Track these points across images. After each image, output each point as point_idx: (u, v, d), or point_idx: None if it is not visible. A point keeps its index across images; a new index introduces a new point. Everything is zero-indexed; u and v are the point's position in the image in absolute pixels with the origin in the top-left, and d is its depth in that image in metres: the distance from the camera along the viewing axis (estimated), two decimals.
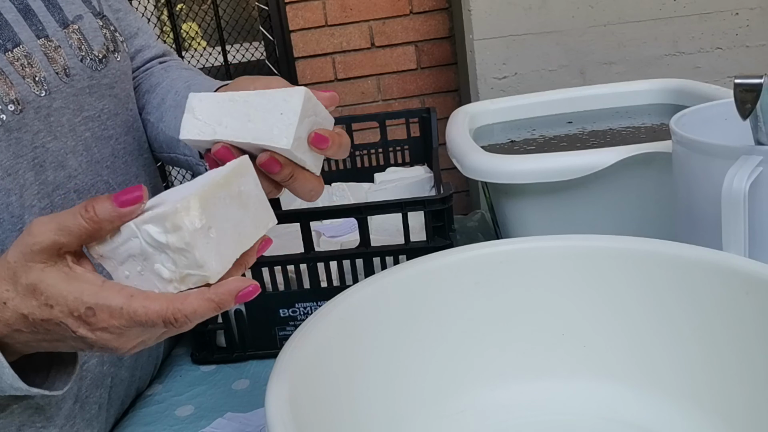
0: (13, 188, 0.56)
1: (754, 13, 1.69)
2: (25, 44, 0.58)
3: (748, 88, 0.55)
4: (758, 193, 0.56)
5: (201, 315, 0.43)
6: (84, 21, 0.65)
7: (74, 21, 0.64)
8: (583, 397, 0.59)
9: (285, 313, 0.76)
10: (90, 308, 0.43)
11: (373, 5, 2.01)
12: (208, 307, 0.43)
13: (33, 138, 0.58)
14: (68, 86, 0.62)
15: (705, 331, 0.55)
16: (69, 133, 0.62)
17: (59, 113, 0.61)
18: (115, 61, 0.68)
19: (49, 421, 0.61)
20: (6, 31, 0.58)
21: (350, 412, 0.53)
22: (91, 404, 0.66)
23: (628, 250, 0.58)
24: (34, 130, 0.58)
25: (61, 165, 0.61)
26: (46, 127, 0.59)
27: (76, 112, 0.63)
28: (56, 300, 0.44)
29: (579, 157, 0.75)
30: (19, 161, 0.57)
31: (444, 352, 0.59)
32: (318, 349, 0.51)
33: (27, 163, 0.58)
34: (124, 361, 0.71)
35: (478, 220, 1.12)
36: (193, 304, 0.42)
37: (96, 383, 0.66)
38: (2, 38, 0.57)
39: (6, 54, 0.56)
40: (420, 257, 0.61)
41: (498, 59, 1.71)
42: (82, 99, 0.64)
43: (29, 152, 0.58)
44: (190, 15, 2.13)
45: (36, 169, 0.58)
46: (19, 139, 0.57)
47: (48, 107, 0.59)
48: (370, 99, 2.09)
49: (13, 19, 0.59)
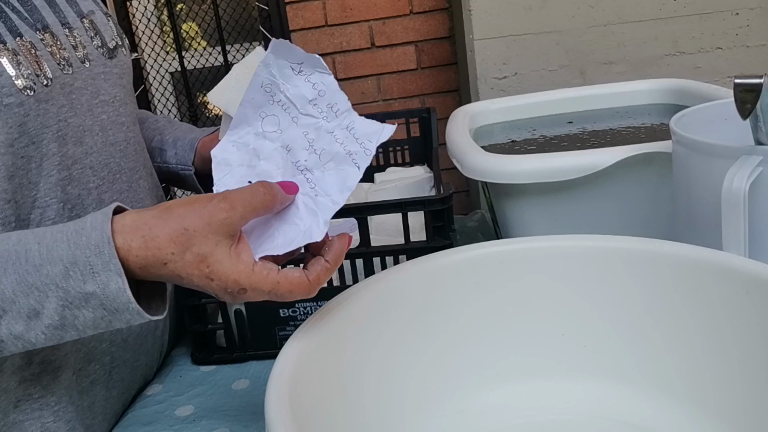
0: (34, 156, 0.60)
1: (754, 13, 1.69)
2: (51, 27, 0.63)
3: (748, 88, 0.55)
4: (758, 193, 0.56)
5: (325, 281, 0.52)
6: (96, 15, 0.70)
7: (88, 14, 0.69)
8: (583, 397, 0.59)
9: (285, 313, 0.76)
10: (243, 289, 0.50)
11: (373, 5, 2.01)
12: (330, 273, 0.52)
13: (58, 111, 0.62)
14: (87, 70, 0.66)
15: (705, 331, 0.55)
16: (87, 112, 0.66)
17: (80, 92, 0.65)
18: (122, 54, 0.73)
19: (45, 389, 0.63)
20: (36, 14, 0.63)
21: (350, 411, 0.53)
22: (83, 378, 0.67)
23: (628, 250, 0.58)
24: (59, 104, 0.62)
25: (79, 141, 0.65)
26: (69, 103, 0.63)
27: (94, 95, 0.67)
28: (218, 276, 0.49)
29: (579, 157, 0.75)
30: (45, 132, 0.61)
31: (444, 352, 0.59)
32: (318, 350, 0.51)
33: (52, 135, 0.62)
34: (128, 342, 0.72)
35: (478, 220, 1.12)
36: (321, 277, 0.52)
37: (89, 357, 0.67)
38: (33, 19, 0.62)
39: (37, 33, 0.62)
40: (420, 257, 0.61)
41: (498, 59, 1.71)
42: (98, 84, 0.68)
43: (54, 124, 0.62)
44: (190, 15, 2.13)
45: (59, 141, 0.62)
46: (46, 110, 0.61)
47: (71, 85, 0.64)
48: (370, 99, 2.09)
49: (40, 5, 0.64)
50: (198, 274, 0.49)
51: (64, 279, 0.49)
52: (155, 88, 2.15)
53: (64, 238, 0.50)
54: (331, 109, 0.54)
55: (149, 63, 2.13)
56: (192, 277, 0.50)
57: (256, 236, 0.52)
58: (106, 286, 0.49)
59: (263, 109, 0.55)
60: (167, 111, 2.17)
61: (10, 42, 0.59)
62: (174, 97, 2.18)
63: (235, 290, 0.50)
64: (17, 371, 0.62)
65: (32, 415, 0.63)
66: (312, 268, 0.52)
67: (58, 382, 0.64)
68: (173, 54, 2.14)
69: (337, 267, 0.53)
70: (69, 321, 0.51)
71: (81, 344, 0.66)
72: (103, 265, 0.49)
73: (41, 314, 0.50)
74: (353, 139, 0.53)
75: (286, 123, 0.55)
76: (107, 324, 0.52)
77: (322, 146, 0.54)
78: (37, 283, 0.49)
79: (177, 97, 2.18)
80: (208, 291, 0.51)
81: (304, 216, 0.53)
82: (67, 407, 0.65)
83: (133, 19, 2.10)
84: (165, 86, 2.15)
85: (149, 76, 2.15)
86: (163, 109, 2.17)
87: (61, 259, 0.50)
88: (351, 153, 0.53)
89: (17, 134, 0.59)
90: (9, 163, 0.58)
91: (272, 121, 0.55)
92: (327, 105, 0.54)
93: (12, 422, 0.62)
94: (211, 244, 0.49)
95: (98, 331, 0.52)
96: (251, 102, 0.55)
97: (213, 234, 0.49)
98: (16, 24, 0.60)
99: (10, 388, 0.61)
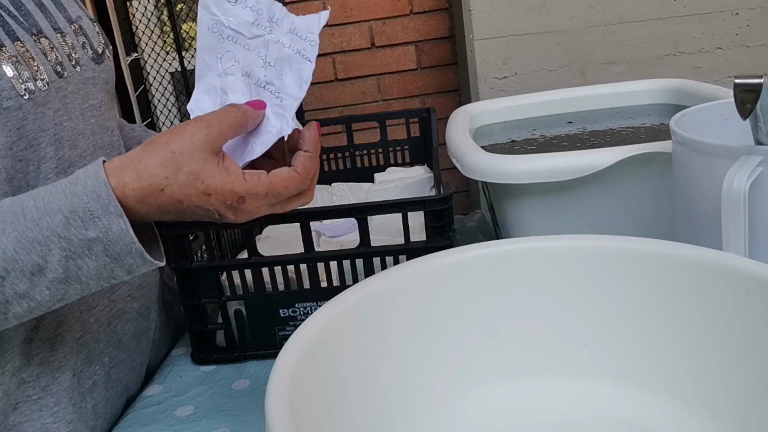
0: (32, 159, 0.61)
1: (754, 13, 1.69)
2: (45, 32, 0.64)
3: (748, 88, 0.55)
4: (758, 193, 0.56)
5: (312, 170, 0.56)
6: (84, 21, 0.70)
7: (76, 20, 0.69)
8: (583, 397, 0.59)
9: (285, 313, 0.76)
10: (241, 197, 0.53)
11: (373, 5, 2.01)
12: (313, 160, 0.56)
13: (54, 115, 0.63)
14: (78, 74, 0.67)
15: (705, 331, 0.55)
16: (79, 116, 0.67)
17: (72, 97, 0.66)
18: (107, 59, 0.73)
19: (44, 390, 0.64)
20: (30, 19, 0.63)
21: (350, 412, 0.53)
22: (85, 378, 0.68)
23: (628, 250, 0.58)
24: (55, 107, 0.63)
25: (74, 144, 0.65)
26: (64, 107, 0.64)
27: (84, 99, 0.68)
28: (214, 189, 0.52)
29: (579, 157, 0.75)
30: (43, 135, 0.62)
31: (444, 351, 0.59)
32: (318, 350, 0.51)
33: (49, 138, 0.62)
34: (123, 342, 0.73)
35: (478, 220, 1.12)
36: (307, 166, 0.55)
37: (90, 359, 0.68)
38: (28, 24, 0.63)
39: (32, 37, 0.62)
40: (420, 257, 0.61)
41: (498, 59, 1.71)
42: (88, 88, 0.68)
43: (51, 128, 0.62)
44: (190, 15, 2.13)
45: (56, 144, 0.63)
46: (44, 114, 0.61)
47: (65, 89, 0.65)
48: (370, 99, 2.09)
49: (33, 10, 0.64)
50: (195, 192, 0.52)
51: (65, 229, 0.50)
52: (155, 88, 2.15)
53: (59, 191, 0.52)
54: (272, 21, 0.58)
55: (149, 63, 2.13)
56: (190, 197, 0.52)
57: (239, 153, 0.57)
58: (108, 229, 0.51)
59: (217, 49, 0.60)
60: (167, 111, 2.17)
61: (9, 46, 0.59)
62: (174, 97, 2.18)
63: (234, 201, 0.53)
64: (17, 373, 0.62)
65: (31, 416, 0.63)
66: (296, 162, 0.55)
67: (58, 384, 0.64)
68: (173, 54, 2.14)
69: (317, 153, 0.57)
70: (73, 273, 0.52)
71: (80, 345, 0.67)
72: (103, 209, 0.50)
73: (45, 269, 0.51)
74: (297, 38, 0.58)
75: (240, 53, 0.59)
76: (110, 273, 0.53)
77: (274, 56, 0.59)
78: (38, 237, 0.50)
79: (177, 97, 2.18)
80: (209, 211, 0.53)
81: (275, 122, 0.58)
82: (67, 408, 0.65)
83: (133, 19, 2.09)
84: (165, 86, 2.15)
85: (149, 76, 2.14)
86: (163, 109, 2.17)
87: (60, 210, 0.50)
88: (299, 51, 0.58)
89: (16, 137, 0.59)
90: (8, 166, 0.58)
91: (228, 57, 0.60)
92: (267, 19, 0.59)
93: (12, 424, 0.62)
94: (200, 161, 0.52)
95: (101, 283, 0.54)
96: (205, 47, 0.60)
97: (198, 152, 0.52)
98: (13, 28, 0.61)
99: (11, 390, 0.62)
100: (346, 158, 1.16)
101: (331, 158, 1.16)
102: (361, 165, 1.16)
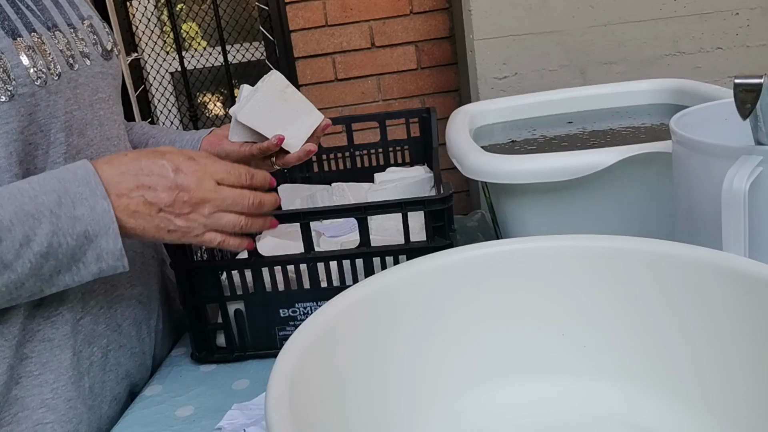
0: (41, 144, 0.66)
1: (754, 13, 1.69)
2: (59, 26, 0.69)
3: (748, 88, 0.55)
4: (758, 193, 0.56)
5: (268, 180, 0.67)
6: (94, 20, 0.76)
7: (87, 18, 0.74)
8: (583, 397, 0.59)
9: (285, 313, 0.76)
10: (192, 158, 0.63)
11: (373, 5, 2.01)
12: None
13: (65, 104, 0.68)
14: (89, 68, 0.71)
15: (705, 331, 0.55)
16: (88, 107, 0.71)
17: (83, 88, 0.70)
18: (115, 57, 0.77)
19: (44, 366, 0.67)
20: (46, 13, 0.68)
21: (350, 412, 0.53)
22: (84, 359, 0.70)
23: (628, 250, 0.58)
24: (66, 96, 0.68)
25: (82, 133, 0.70)
26: (74, 97, 0.69)
27: (93, 92, 0.72)
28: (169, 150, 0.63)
29: (579, 157, 0.75)
30: (53, 121, 0.66)
31: (444, 351, 0.59)
32: (318, 349, 0.51)
33: (60, 125, 0.67)
34: (123, 327, 0.75)
35: (478, 220, 1.12)
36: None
37: (89, 340, 0.71)
38: (44, 17, 0.67)
39: (48, 30, 0.67)
40: (420, 257, 0.61)
41: (498, 59, 1.71)
42: (97, 82, 0.73)
43: (62, 115, 0.67)
44: (190, 15, 2.13)
45: (66, 131, 0.68)
46: (55, 102, 0.66)
47: (76, 81, 0.69)
48: (371, 99, 2.09)
49: (49, 6, 0.69)
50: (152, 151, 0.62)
51: (57, 206, 0.58)
52: (155, 88, 2.15)
53: (52, 177, 0.59)
54: None
55: (149, 63, 2.13)
56: (148, 155, 0.61)
57: None
58: (93, 208, 0.59)
59: None
60: (167, 111, 2.17)
61: (26, 37, 0.64)
62: (174, 97, 2.18)
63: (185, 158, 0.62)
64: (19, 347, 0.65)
65: (32, 391, 0.66)
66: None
67: (57, 361, 0.67)
68: (173, 54, 2.14)
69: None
70: (54, 249, 0.58)
71: (80, 326, 0.70)
72: (91, 192, 0.59)
73: (32, 241, 0.57)
74: None
75: None
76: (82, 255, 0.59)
77: None
78: (33, 210, 0.57)
79: (177, 97, 2.18)
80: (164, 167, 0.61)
81: None
82: (67, 386, 0.68)
83: (133, 19, 2.09)
84: (165, 86, 2.15)
85: (149, 76, 2.14)
86: (163, 109, 2.17)
87: (54, 190, 0.58)
88: None
89: (27, 122, 0.63)
90: (20, 149, 0.63)
91: None
92: None
93: (14, 398, 0.65)
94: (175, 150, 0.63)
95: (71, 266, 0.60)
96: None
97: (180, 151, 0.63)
98: (30, 20, 0.65)
99: (14, 364, 0.65)
100: (346, 158, 1.16)
101: (331, 158, 1.16)
102: (361, 165, 1.16)
